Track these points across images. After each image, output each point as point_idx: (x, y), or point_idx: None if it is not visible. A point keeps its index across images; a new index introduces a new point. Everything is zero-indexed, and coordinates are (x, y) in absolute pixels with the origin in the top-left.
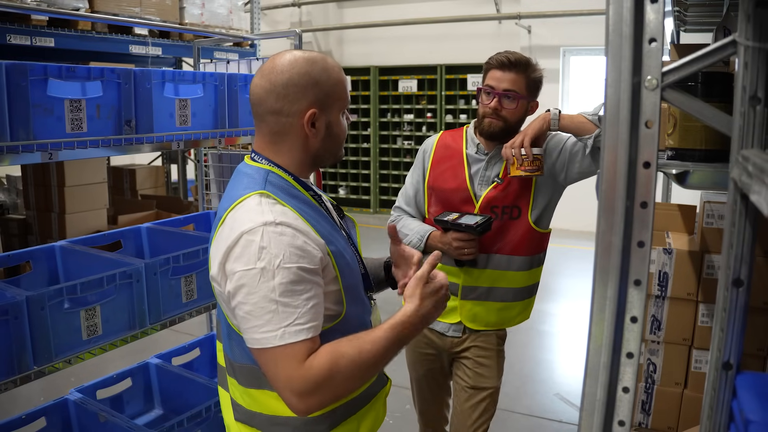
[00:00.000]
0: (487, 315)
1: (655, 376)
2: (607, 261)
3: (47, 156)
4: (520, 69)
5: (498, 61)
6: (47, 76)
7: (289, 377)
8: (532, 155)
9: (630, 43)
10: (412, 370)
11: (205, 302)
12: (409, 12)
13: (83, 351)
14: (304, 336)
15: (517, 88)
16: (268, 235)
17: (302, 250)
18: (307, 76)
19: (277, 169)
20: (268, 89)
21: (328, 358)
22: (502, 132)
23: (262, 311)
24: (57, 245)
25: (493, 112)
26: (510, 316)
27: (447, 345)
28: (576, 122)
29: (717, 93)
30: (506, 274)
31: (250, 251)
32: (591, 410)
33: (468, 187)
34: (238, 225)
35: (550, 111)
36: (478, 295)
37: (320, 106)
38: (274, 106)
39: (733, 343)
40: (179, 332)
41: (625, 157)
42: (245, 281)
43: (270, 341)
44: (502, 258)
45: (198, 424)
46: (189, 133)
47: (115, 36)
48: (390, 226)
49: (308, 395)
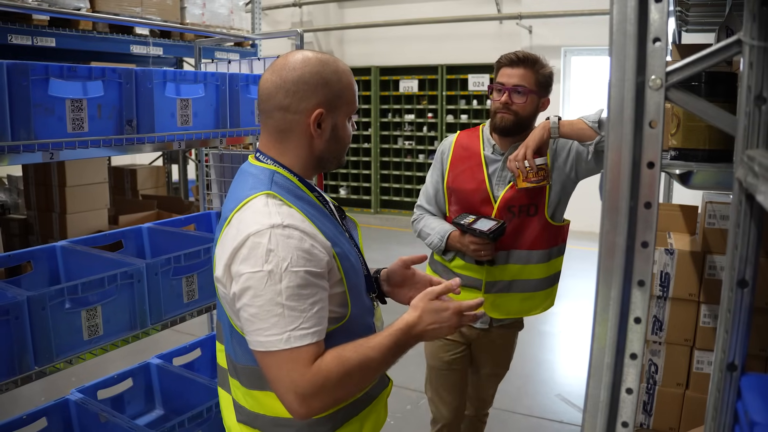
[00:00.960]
0: (510, 304)
1: (657, 376)
2: (610, 261)
3: (48, 156)
4: (529, 65)
5: (507, 59)
6: (48, 76)
7: (293, 381)
8: (536, 166)
9: (634, 43)
10: (434, 360)
11: (206, 302)
12: (410, 12)
13: (84, 351)
14: (309, 340)
15: (526, 83)
16: (275, 237)
17: (309, 254)
18: (318, 76)
19: (282, 169)
20: (278, 84)
21: (335, 363)
22: (514, 126)
23: (267, 314)
24: (58, 245)
25: (504, 106)
26: (533, 305)
27: (473, 335)
28: (576, 129)
29: (721, 93)
30: (527, 268)
31: (258, 253)
32: (594, 411)
33: (487, 188)
34: (244, 226)
35: (549, 119)
36: (501, 288)
37: (328, 107)
38: (282, 102)
39: (737, 344)
40: (181, 332)
41: (629, 157)
42: (251, 283)
43: (275, 345)
44: (521, 253)
45: (199, 424)
46: (190, 133)
47: (116, 36)
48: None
49: (312, 399)
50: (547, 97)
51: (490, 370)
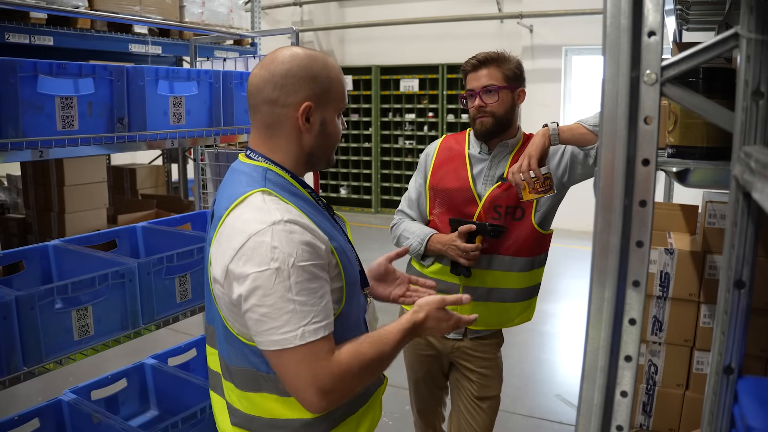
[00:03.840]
0: (488, 315)
1: (657, 377)
2: (604, 261)
3: (38, 154)
4: (491, 64)
5: (470, 65)
6: (37, 73)
7: (315, 374)
8: (542, 176)
9: (628, 36)
10: (411, 372)
11: (199, 302)
12: (410, 11)
13: (74, 352)
14: (323, 333)
15: (494, 81)
16: (278, 234)
17: (312, 247)
18: (306, 70)
19: (274, 166)
20: (267, 78)
21: (354, 356)
22: (495, 127)
23: (279, 312)
24: (50, 244)
25: (479, 110)
26: (510, 317)
27: (447, 348)
28: (577, 134)
29: (719, 89)
30: (508, 275)
31: (262, 252)
32: (588, 415)
33: (471, 187)
34: (243, 226)
35: (548, 126)
36: (479, 296)
37: (316, 101)
38: (270, 96)
39: (734, 347)
40: (178, 332)
41: (624, 154)
42: (260, 283)
43: (290, 341)
44: (504, 259)
45: (193, 425)
46: (183, 131)
47: (114, 35)
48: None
49: (332, 391)
50: (522, 87)
51: (476, 391)
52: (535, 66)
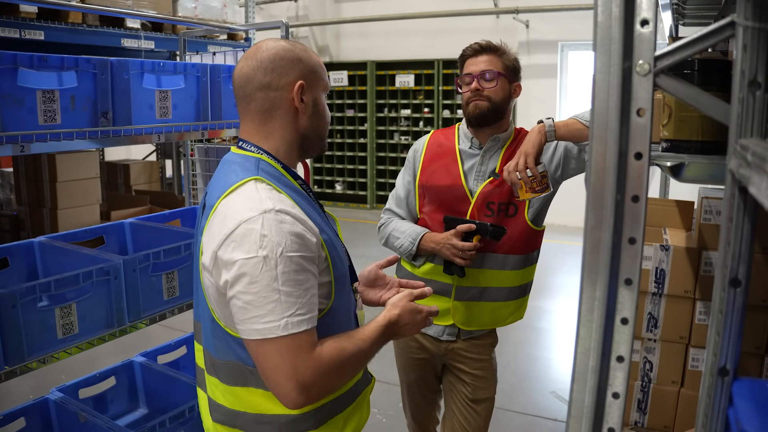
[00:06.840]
0: (480, 315)
1: (652, 374)
2: (595, 259)
3: (18, 149)
4: (493, 51)
5: (471, 49)
6: (17, 66)
7: (296, 367)
8: (539, 174)
9: (620, 25)
10: (404, 375)
11: (187, 299)
12: (406, 6)
13: (58, 350)
14: (306, 326)
15: (493, 67)
16: (268, 222)
17: (301, 239)
18: (291, 53)
19: (267, 156)
20: (255, 66)
21: (335, 352)
22: (490, 112)
23: (263, 301)
24: (36, 241)
25: (475, 93)
26: (503, 316)
27: (441, 350)
28: (573, 130)
29: (714, 81)
30: (500, 274)
31: (251, 239)
32: (579, 416)
33: (462, 183)
34: (235, 213)
35: (543, 122)
36: (472, 295)
37: (307, 80)
38: (263, 81)
39: (729, 348)
40: (173, 329)
41: (615, 147)
42: (246, 270)
43: (272, 332)
44: (498, 257)
45: (181, 424)
46: (170, 126)
47: (106, 29)
48: (393, 258)
49: (311, 387)
50: (518, 82)
51: (470, 393)
52: (532, 61)
